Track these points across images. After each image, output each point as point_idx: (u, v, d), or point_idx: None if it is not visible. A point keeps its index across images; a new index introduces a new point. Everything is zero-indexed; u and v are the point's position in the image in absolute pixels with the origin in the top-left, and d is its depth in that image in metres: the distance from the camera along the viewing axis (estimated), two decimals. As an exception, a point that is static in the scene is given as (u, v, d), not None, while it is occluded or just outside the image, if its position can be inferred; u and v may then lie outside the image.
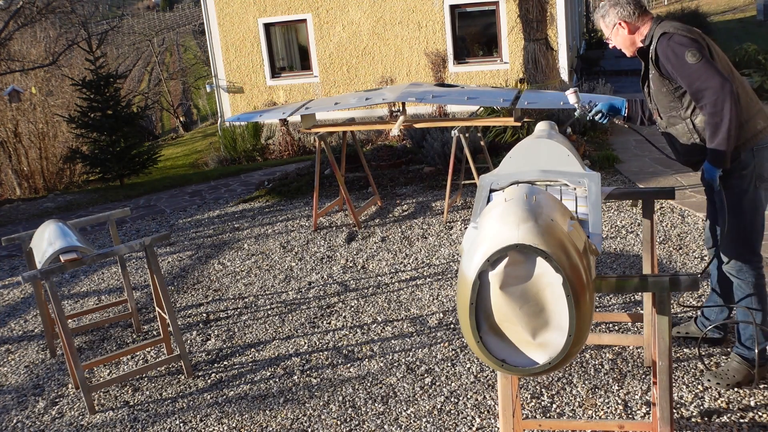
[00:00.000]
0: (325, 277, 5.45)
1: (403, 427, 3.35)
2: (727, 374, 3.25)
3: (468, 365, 3.83)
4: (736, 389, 3.23)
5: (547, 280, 1.89)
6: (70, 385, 4.26)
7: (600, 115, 3.47)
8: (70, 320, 5.07)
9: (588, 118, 3.52)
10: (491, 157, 6.70)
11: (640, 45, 3.19)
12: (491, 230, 1.94)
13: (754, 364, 3.20)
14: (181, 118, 33.71)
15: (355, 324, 4.56)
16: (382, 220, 6.67)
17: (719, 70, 2.90)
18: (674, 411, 3.13)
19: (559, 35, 14.23)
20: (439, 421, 3.35)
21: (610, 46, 3.30)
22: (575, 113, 3.55)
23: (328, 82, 15.78)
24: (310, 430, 3.45)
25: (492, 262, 1.90)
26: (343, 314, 4.73)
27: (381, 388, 3.73)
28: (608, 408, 3.26)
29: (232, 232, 7.01)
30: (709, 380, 3.29)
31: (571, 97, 3.49)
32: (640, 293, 4.25)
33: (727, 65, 3.07)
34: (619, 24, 3.16)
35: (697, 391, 3.28)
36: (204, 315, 5.06)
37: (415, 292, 4.92)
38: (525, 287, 1.91)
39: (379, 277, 5.29)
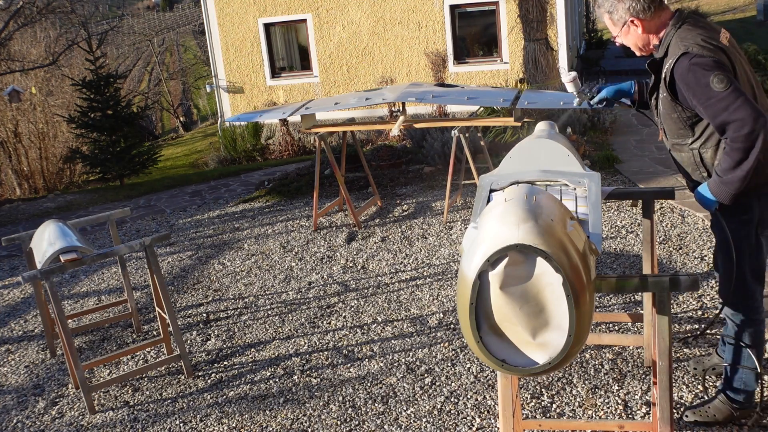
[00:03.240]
0: (325, 277, 5.45)
1: (403, 427, 3.35)
2: (708, 412, 2.99)
3: (468, 365, 3.83)
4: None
5: (547, 280, 1.89)
6: (70, 385, 4.26)
7: (604, 102, 3.08)
8: (70, 320, 5.07)
9: (591, 107, 3.16)
10: (491, 157, 6.70)
11: (655, 45, 2.72)
12: (491, 230, 1.94)
13: (739, 405, 2.94)
14: (181, 118, 33.69)
15: (355, 324, 4.56)
16: (382, 220, 6.67)
17: (749, 100, 2.48)
18: (674, 411, 3.12)
19: (559, 35, 14.24)
20: (439, 421, 3.35)
21: (617, 43, 2.85)
22: (573, 102, 3.19)
23: (328, 82, 15.77)
24: (310, 430, 3.45)
25: (492, 262, 1.89)
26: (343, 314, 4.73)
27: (381, 388, 3.73)
28: (608, 408, 3.26)
29: (232, 232, 7.01)
30: (687, 416, 3.02)
31: (569, 85, 3.12)
32: (640, 293, 4.25)
33: (751, 86, 2.66)
34: (631, 22, 2.70)
35: (697, 391, 3.28)
36: (204, 315, 5.06)
37: (415, 292, 4.92)
38: (525, 287, 1.91)
39: (379, 277, 5.29)
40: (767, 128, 2.45)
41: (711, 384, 3.29)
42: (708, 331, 3.77)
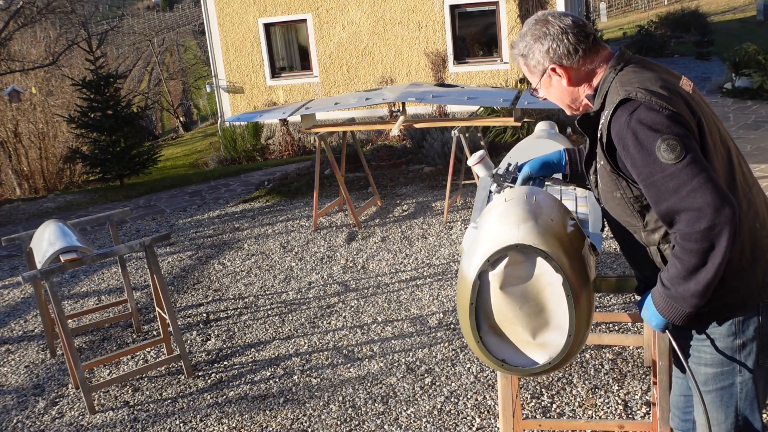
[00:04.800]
0: (325, 277, 5.45)
1: (403, 427, 3.35)
2: None
3: (468, 365, 3.83)
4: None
5: (547, 280, 1.88)
6: (70, 385, 4.26)
7: (531, 181, 2.22)
8: (70, 320, 5.07)
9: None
10: (491, 157, 6.70)
11: (589, 97, 1.94)
12: (491, 230, 1.94)
13: None
14: (181, 118, 33.67)
15: (355, 324, 4.56)
16: (382, 220, 6.67)
17: (713, 178, 1.67)
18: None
19: (559, 35, 14.22)
20: (439, 421, 3.35)
21: (540, 98, 2.05)
22: (491, 188, 2.34)
23: (328, 82, 15.77)
24: (310, 430, 3.45)
25: (492, 262, 1.89)
26: (343, 314, 4.73)
27: (381, 388, 3.73)
28: (608, 408, 3.26)
29: (232, 232, 7.01)
30: None
31: (477, 168, 2.34)
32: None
33: (726, 152, 1.82)
34: (552, 70, 1.92)
35: (697, 391, 3.28)
36: (204, 315, 5.06)
37: (415, 292, 4.92)
38: (525, 287, 1.90)
39: (379, 277, 5.29)
40: (735, 221, 1.65)
41: None
42: None
